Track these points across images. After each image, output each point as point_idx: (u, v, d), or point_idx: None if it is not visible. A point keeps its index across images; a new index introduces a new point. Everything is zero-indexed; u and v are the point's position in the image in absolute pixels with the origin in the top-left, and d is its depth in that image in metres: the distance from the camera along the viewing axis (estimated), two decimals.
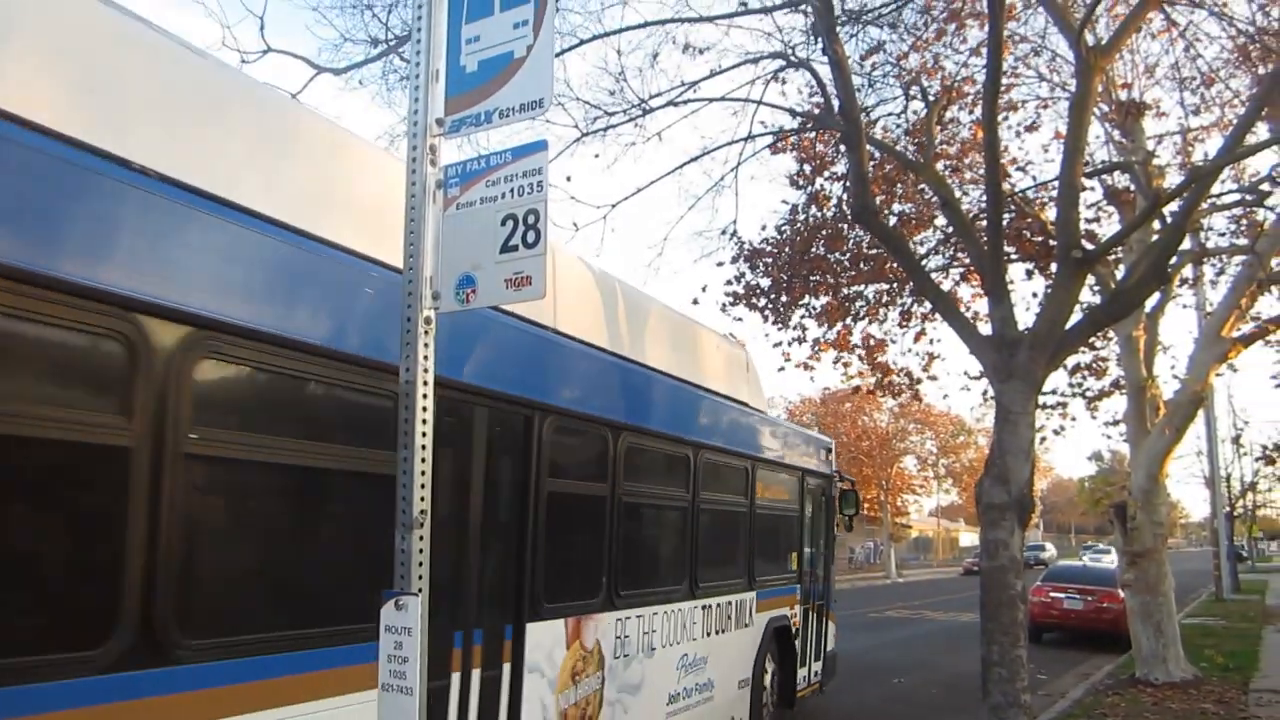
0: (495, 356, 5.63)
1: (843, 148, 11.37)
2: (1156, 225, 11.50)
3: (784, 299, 14.18)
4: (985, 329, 9.48)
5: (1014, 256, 13.32)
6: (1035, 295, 15.61)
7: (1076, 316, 9.62)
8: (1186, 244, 14.41)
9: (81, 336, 3.56)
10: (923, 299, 14.77)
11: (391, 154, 5.51)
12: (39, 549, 3.46)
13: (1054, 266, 10.85)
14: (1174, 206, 9.07)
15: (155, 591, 3.76)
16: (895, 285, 14.86)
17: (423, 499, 4.05)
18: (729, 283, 14.15)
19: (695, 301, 13.27)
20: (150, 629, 3.74)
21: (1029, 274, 14.19)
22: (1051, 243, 12.24)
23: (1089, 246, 8.97)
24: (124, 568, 3.66)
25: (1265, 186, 11.72)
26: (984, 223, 8.94)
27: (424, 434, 4.07)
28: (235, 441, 4.17)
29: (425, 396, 4.09)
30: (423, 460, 4.09)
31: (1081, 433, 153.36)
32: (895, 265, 13.20)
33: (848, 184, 11.97)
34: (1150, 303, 15.33)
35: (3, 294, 3.27)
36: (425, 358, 4.07)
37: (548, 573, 5.91)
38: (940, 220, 13.67)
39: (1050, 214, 11.93)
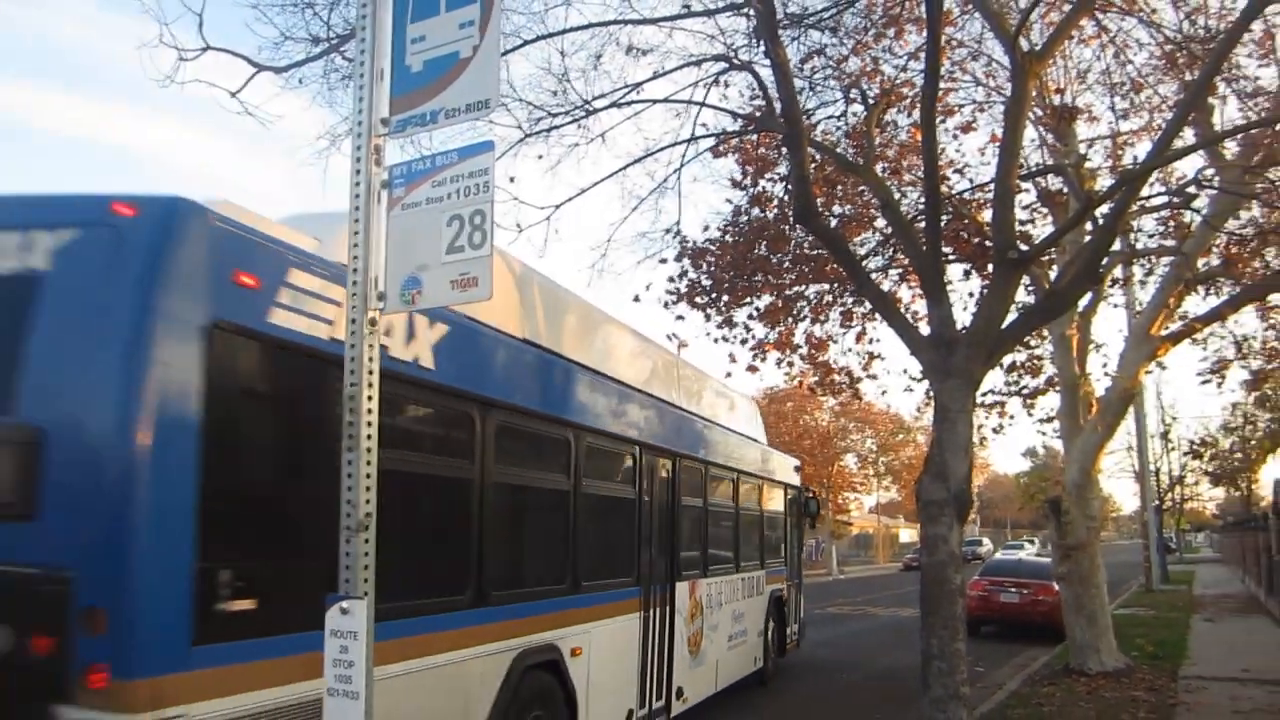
0: (650, 425, 9.64)
1: (784, 150, 11.45)
2: (1089, 227, 11.73)
3: (726, 299, 14.23)
4: (924, 329, 9.61)
5: (952, 257, 13.51)
6: (972, 295, 15.86)
7: (1012, 316, 9.79)
8: (1117, 245, 14.71)
9: (547, 432, 7.56)
10: (863, 299, 14.89)
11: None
12: (435, 541, 6.19)
13: (990, 267, 11.03)
14: (1105, 209, 9.26)
15: (484, 563, 6.50)
16: (836, 286, 14.98)
17: (368, 502, 4.00)
18: (671, 279, 14.19)
19: (637, 299, 13.25)
20: (481, 586, 6.46)
21: (966, 274, 14.40)
22: (988, 244, 12.42)
23: (1024, 248, 9.13)
24: (473, 551, 6.43)
25: (1191, 189, 12.02)
26: (922, 224, 9.05)
27: (369, 436, 4.02)
28: (521, 478, 7.31)
29: (370, 399, 4.04)
30: (368, 463, 4.04)
31: (1017, 430, 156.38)
32: (836, 266, 13.31)
33: (789, 185, 12.05)
34: (1082, 302, 15.64)
35: (508, 413, 6.75)
36: (370, 359, 4.03)
37: (679, 554, 10.12)
38: (880, 222, 13.83)
39: (987, 216, 12.12)
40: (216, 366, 4.29)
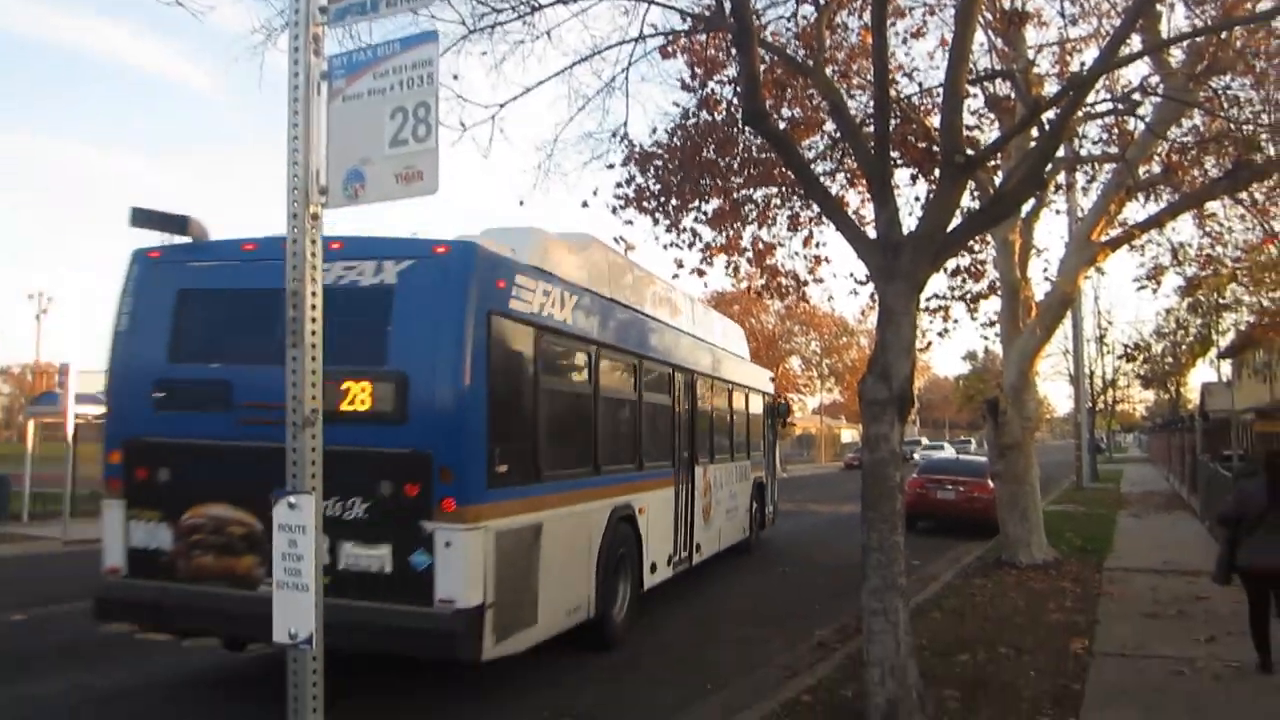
0: (678, 351, 13.43)
1: (733, 51, 11.26)
2: (1034, 133, 11.75)
3: (674, 203, 14.13)
4: (871, 233, 9.62)
5: (900, 161, 13.48)
6: (919, 200, 15.92)
7: (957, 220, 9.82)
8: (1061, 152, 14.79)
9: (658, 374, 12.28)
10: (811, 203, 14.87)
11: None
12: (576, 433, 9.51)
13: (937, 172, 11.02)
14: (1051, 115, 9.25)
15: (598, 449, 10.00)
16: (785, 189, 14.92)
17: (314, 397, 3.97)
18: (619, 185, 14.03)
19: (585, 204, 13.00)
20: (597, 464, 9.84)
21: (914, 179, 14.40)
22: (935, 149, 12.40)
23: (970, 153, 9.11)
24: (592, 441, 9.88)
25: (1136, 96, 12.06)
26: (871, 128, 9.00)
27: (314, 332, 3.97)
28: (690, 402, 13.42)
29: (314, 295, 3.98)
30: (313, 359, 3.99)
31: (959, 334, 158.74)
32: (785, 170, 13.23)
33: (738, 88, 11.89)
34: (1026, 208, 15.77)
35: (606, 350, 10.32)
36: (313, 254, 3.95)
37: (696, 445, 13.85)
38: (829, 125, 13.73)
39: (935, 121, 12.08)
40: (491, 335, 7.71)
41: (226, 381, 8.03)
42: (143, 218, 8.43)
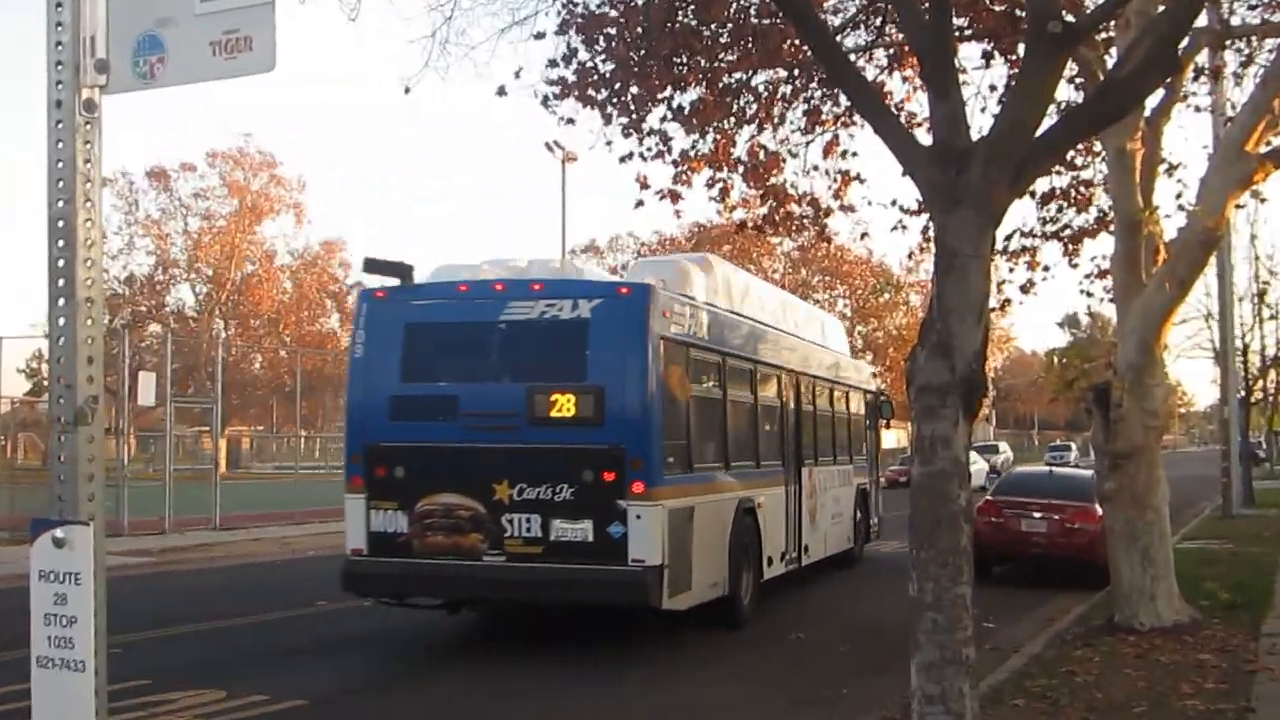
0: (786, 354, 20.85)
1: None
2: None
3: (635, 90, 14.10)
4: (925, 138, 9.65)
5: (966, 32, 13.53)
6: (994, 89, 15.95)
7: (1051, 120, 9.86)
8: (1203, 19, 14.91)
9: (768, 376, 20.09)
10: (837, 93, 14.88)
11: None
12: (710, 433, 17.03)
13: (1022, 48, 11.03)
14: None
15: (728, 448, 17.40)
16: (797, 74, 14.93)
17: (91, 379, 3.92)
18: (553, 64, 13.98)
19: (502, 92, 12.71)
20: (728, 461, 17.25)
21: (987, 58, 14.46)
22: (1019, 13, 12.45)
23: (1071, 18, 9.17)
24: (721, 440, 17.23)
25: None
26: None
27: (90, 281, 3.91)
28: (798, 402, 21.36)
29: (91, 223, 3.92)
30: (90, 321, 3.94)
31: (1053, 290, 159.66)
32: (798, 43, 13.24)
33: None
34: (1151, 102, 15.86)
35: (732, 357, 18.00)
36: (88, 162, 3.89)
37: (802, 446, 20.99)
38: None
39: None
40: (661, 355, 14.49)
41: (454, 396, 14.98)
42: (374, 266, 15.64)
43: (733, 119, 14.91)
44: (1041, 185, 17.29)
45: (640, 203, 14.94)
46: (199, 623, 17.22)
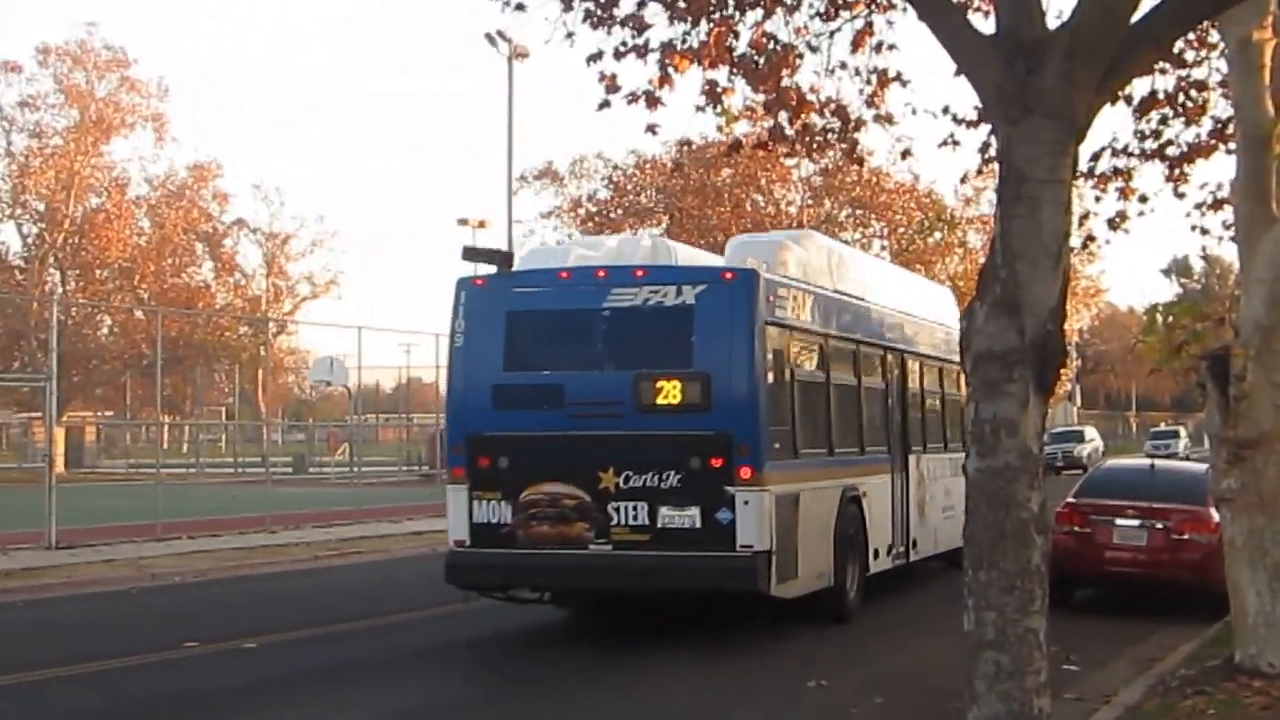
0: (891, 331, 26.09)
1: None
2: None
3: None
4: (985, 26, 9.63)
5: None
6: None
7: (1151, 0, 9.84)
8: None
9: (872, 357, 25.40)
10: None
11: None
12: (812, 421, 21.77)
13: None
14: None
15: (831, 434, 22.37)
16: None
17: None
18: None
19: None
20: (831, 447, 22.22)
21: None
22: None
23: None
24: (823, 427, 22.21)
25: None
26: None
27: None
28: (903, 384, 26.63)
29: None
30: None
31: (1157, 228, 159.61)
32: None
33: None
34: None
35: (835, 339, 23.04)
36: None
37: (909, 432, 26.33)
38: None
39: None
40: (767, 340, 19.10)
41: (558, 385, 18.68)
42: (473, 254, 20.80)
43: (733, 1, 14.86)
44: (1139, 88, 17.29)
45: (606, 104, 14.85)
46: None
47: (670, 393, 18.25)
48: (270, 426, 67.85)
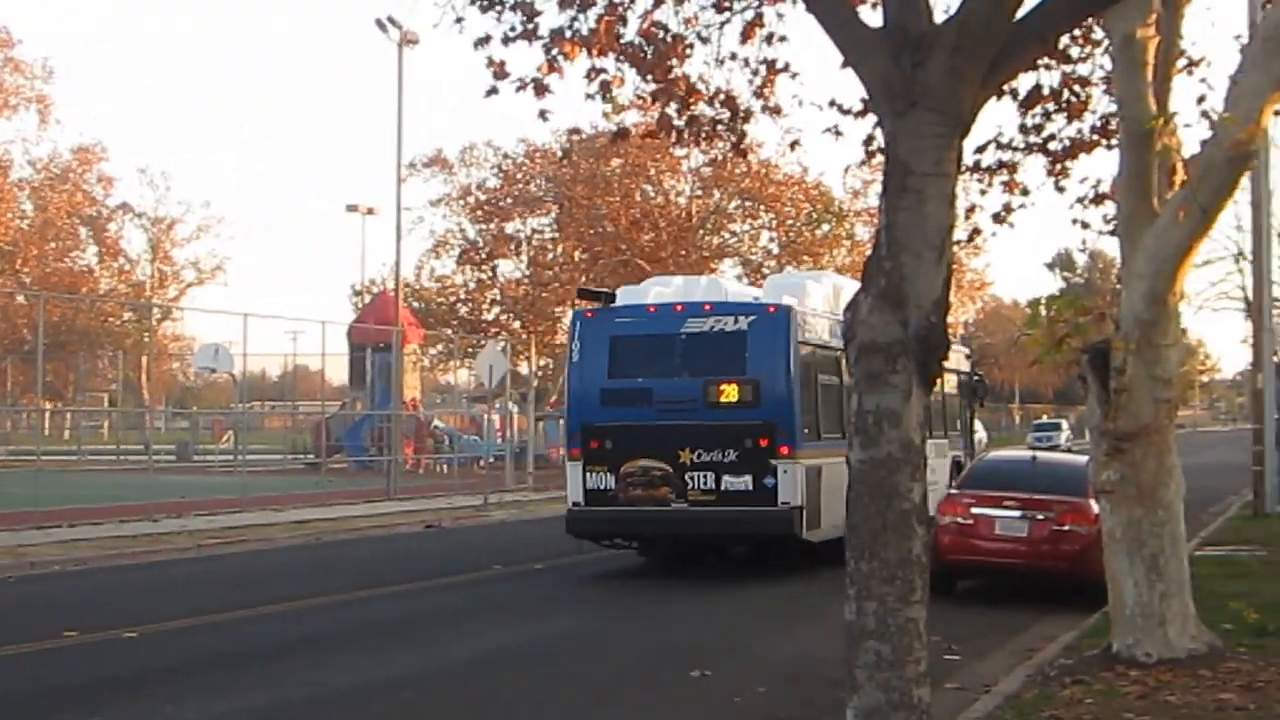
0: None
1: None
2: None
3: None
4: (873, 18, 9.67)
5: None
6: None
7: None
8: None
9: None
10: None
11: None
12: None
13: None
14: None
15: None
16: None
17: None
18: None
19: None
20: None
21: None
22: None
23: None
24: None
25: None
26: None
27: None
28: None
29: None
30: None
31: (1043, 223, 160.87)
32: None
33: None
34: None
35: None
36: None
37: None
38: None
39: None
40: (798, 354, 27.41)
41: (649, 388, 26.65)
42: (585, 293, 34.05)
43: None
44: (1025, 83, 17.42)
45: (494, 90, 14.77)
46: None
47: (730, 393, 26.09)
48: (154, 414, 67.21)
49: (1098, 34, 17.00)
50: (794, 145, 19.12)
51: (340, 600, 21.83)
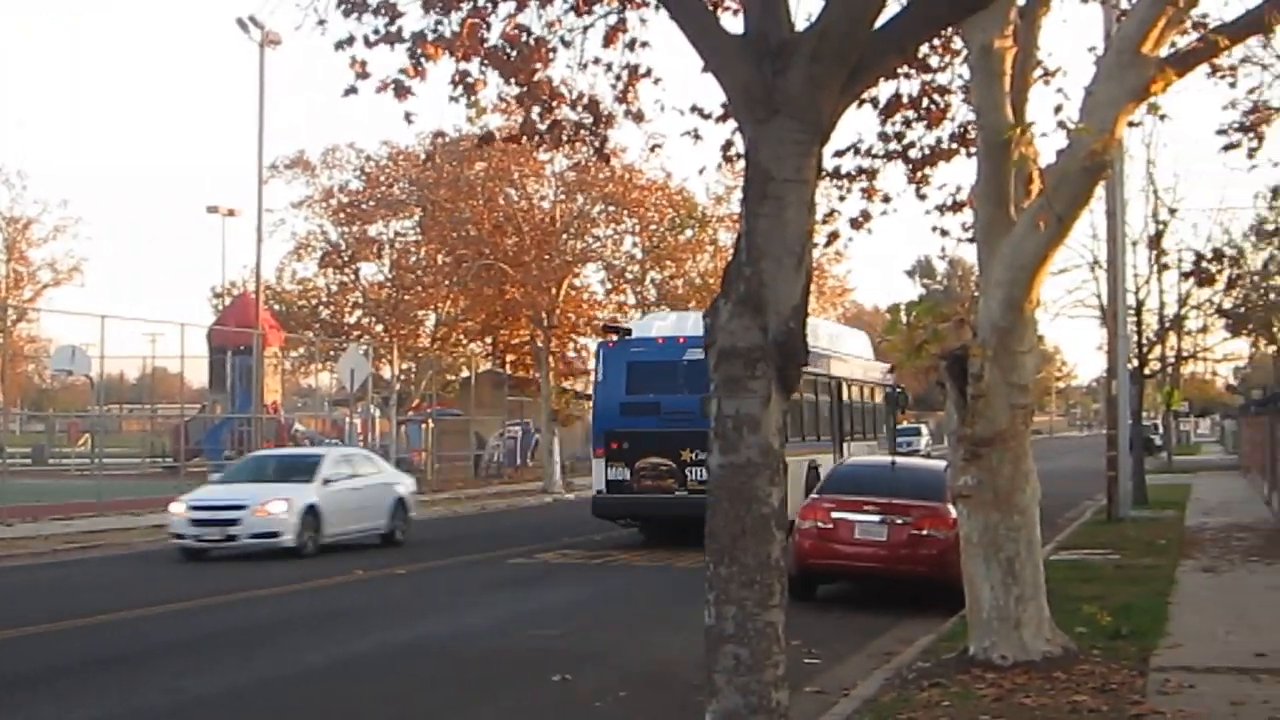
0: (835, 366, 45.19)
1: None
2: None
3: None
4: (734, 24, 9.70)
5: None
6: None
7: (896, 5, 9.97)
8: None
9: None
10: None
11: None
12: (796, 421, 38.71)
13: None
14: None
15: (804, 428, 40.34)
16: None
17: None
18: None
19: None
20: (803, 435, 39.49)
21: None
22: None
23: None
24: (801, 424, 39.51)
25: None
26: None
27: None
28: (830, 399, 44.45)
29: None
30: None
31: (896, 228, 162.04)
32: None
33: None
34: None
35: (816, 376, 42.10)
36: None
37: (842, 428, 45.10)
38: None
39: None
40: None
41: (658, 402, 34.46)
42: (608, 329, 39.86)
43: None
44: (885, 91, 17.53)
45: (353, 90, 14.67)
46: None
47: None
48: (8, 416, 66.05)
49: (957, 44, 17.14)
50: (655, 149, 19.18)
51: (181, 609, 21.42)
